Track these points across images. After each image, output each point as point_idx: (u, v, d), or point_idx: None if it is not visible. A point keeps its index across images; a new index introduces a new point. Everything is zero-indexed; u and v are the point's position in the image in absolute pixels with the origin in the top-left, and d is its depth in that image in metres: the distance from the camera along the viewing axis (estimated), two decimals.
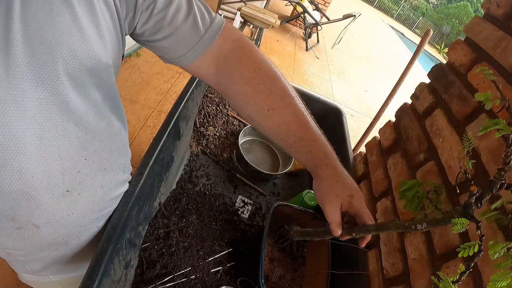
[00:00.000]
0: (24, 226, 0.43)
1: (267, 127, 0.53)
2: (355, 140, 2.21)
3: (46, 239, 0.48)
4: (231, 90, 0.51)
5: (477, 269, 0.44)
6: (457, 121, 0.62)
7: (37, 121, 0.36)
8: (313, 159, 0.53)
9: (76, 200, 0.47)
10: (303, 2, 4.59)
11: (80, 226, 0.51)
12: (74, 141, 0.42)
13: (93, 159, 0.46)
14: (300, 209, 0.82)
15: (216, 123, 1.05)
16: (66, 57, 0.35)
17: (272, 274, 0.75)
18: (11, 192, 0.39)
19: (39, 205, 0.42)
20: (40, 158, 0.39)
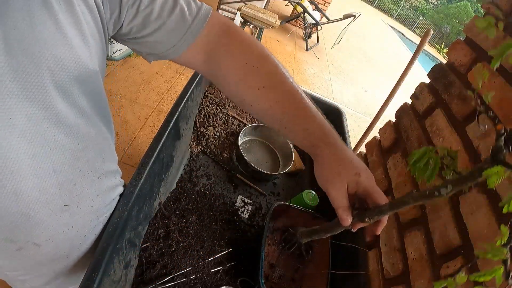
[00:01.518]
0: (24, 247, 0.43)
1: (259, 108, 0.49)
2: (355, 140, 2.21)
3: (47, 256, 0.48)
4: (222, 75, 0.50)
5: (477, 269, 0.44)
6: (457, 121, 0.62)
7: (27, 138, 0.35)
8: (310, 138, 0.48)
9: (75, 213, 0.46)
10: (303, 2, 4.59)
11: (81, 237, 0.52)
12: (67, 153, 0.41)
13: (88, 169, 0.46)
14: (300, 209, 0.82)
15: (216, 123, 1.05)
16: (52, 67, 0.33)
17: (272, 274, 0.75)
18: (8, 215, 0.37)
19: (38, 224, 0.41)
20: (34, 176, 0.37)
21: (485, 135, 0.53)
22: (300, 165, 1.07)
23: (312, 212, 0.82)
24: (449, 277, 0.32)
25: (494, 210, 0.45)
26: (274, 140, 1.11)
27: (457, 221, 0.51)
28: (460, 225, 0.50)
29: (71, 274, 0.57)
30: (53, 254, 0.48)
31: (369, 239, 0.63)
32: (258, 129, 1.10)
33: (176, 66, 2.83)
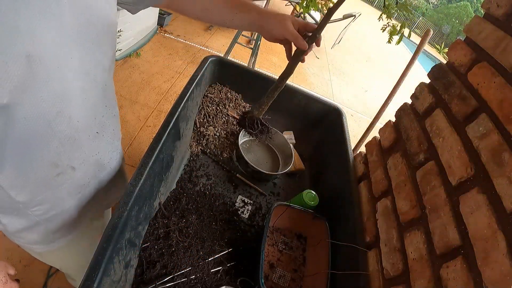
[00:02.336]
0: (63, 171, 0.51)
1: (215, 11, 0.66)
2: (355, 140, 2.21)
3: (77, 182, 0.56)
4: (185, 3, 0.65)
5: (477, 269, 0.44)
6: (457, 121, 0.62)
7: (79, 75, 0.44)
8: (253, 19, 0.67)
9: (101, 140, 0.57)
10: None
11: (100, 164, 0.61)
12: (100, 91, 0.51)
13: (109, 105, 0.57)
14: (300, 209, 0.82)
15: (216, 123, 1.05)
16: (96, 23, 0.43)
17: (272, 274, 0.75)
18: (61, 138, 0.46)
19: (79, 147, 0.51)
20: (82, 106, 0.47)
21: (485, 135, 0.53)
22: (300, 165, 1.07)
23: (312, 212, 0.82)
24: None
25: (494, 210, 0.45)
26: (274, 140, 1.11)
27: (457, 221, 0.51)
28: (460, 225, 0.50)
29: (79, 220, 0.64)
30: (81, 179, 0.57)
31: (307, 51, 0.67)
32: None
33: (176, 66, 2.83)
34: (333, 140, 1.03)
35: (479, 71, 0.61)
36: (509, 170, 0.46)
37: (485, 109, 0.56)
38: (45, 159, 0.47)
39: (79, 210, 0.63)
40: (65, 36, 0.39)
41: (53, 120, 0.43)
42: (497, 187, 0.46)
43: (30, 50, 0.34)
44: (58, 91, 0.41)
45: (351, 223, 0.77)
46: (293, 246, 0.83)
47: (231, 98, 1.15)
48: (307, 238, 0.86)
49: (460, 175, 0.54)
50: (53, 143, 0.46)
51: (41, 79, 0.38)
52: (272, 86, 0.72)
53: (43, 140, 0.44)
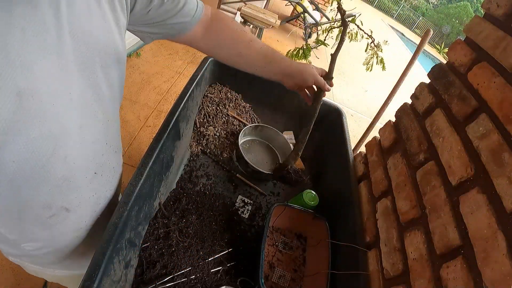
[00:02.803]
0: (57, 213, 0.48)
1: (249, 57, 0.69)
2: (355, 140, 2.21)
3: (72, 224, 0.53)
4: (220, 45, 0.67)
5: (477, 269, 0.44)
6: (457, 121, 0.62)
7: (79, 111, 0.41)
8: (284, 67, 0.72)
9: (99, 180, 0.54)
10: (303, 2, 4.58)
11: (98, 205, 0.57)
12: (101, 127, 0.48)
13: (110, 142, 0.54)
14: (300, 209, 0.82)
15: (216, 123, 1.05)
16: (100, 52, 0.41)
17: (272, 274, 0.75)
18: (55, 179, 0.43)
19: (74, 188, 0.48)
20: (80, 145, 0.44)
21: (485, 135, 0.53)
22: (300, 165, 1.07)
23: (312, 212, 0.82)
24: None
25: (494, 210, 0.45)
26: (274, 140, 1.11)
27: (457, 221, 0.51)
28: (460, 225, 0.50)
29: (79, 257, 0.61)
30: (77, 222, 0.54)
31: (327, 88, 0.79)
32: (258, 129, 1.10)
33: (176, 66, 2.83)
34: (333, 140, 1.03)
35: (479, 71, 0.61)
36: (509, 170, 0.46)
37: (485, 109, 0.56)
38: (37, 201, 0.44)
39: (74, 249, 0.60)
40: (64, 69, 0.36)
41: (46, 161, 0.39)
42: (497, 187, 0.46)
43: (22, 86, 0.31)
44: (53, 129, 0.37)
45: (351, 223, 0.77)
46: (293, 246, 0.83)
47: (231, 98, 1.15)
48: (307, 238, 0.86)
49: (460, 175, 0.54)
50: (46, 185, 0.42)
51: (33, 117, 0.34)
52: (304, 131, 0.78)
53: (35, 182, 0.41)
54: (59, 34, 0.34)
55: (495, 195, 0.46)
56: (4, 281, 1.16)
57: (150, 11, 0.51)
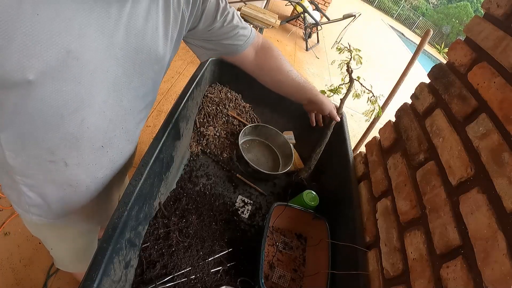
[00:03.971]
0: (56, 161, 0.52)
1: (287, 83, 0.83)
2: (355, 140, 2.21)
3: (65, 177, 0.57)
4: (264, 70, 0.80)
5: (477, 269, 0.44)
6: (457, 121, 0.62)
7: (108, 89, 0.48)
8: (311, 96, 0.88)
9: (103, 155, 0.58)
10: (303, 2, 4.58)
11: (94, 177, 0.61)
12: (122, 112, 0.54)
13: (127, 130, 0.59)
14: (300, 209, 0.82)
15: (216, 123, 1.05)
16: (143, 52, 0.49)
17: (272, 274, 0.75)
18: (66, 133, 0.48)
19: (79, 149, 0.52)
20: (98, 116, 0.50)
21: (485, 135, 0.53)
22: (300, 165, 1.07)
23: (312, 212, 0.82)
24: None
25: (494, 210, 0.45)
26: (274, 140, 1.11)
27: (457, 221, 0.51)
28: (460, 225, 0.50)
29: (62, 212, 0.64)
30: (69, 179, 0.57)
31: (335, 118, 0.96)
32: (258, 129, 1.10)
33: (176, 66, 2.83)
34: (333, 140, 1.03)
35: (479, 71, 0.61)
36: (509, 170, 0.46)
37: (485, 109, 0.56)
38: (44, 143, 0.49)
39: (61, 208, 0.62)
40: (110, 51, 0.44)
41: (66, 115, 0.45)
42: (497, 187, 0.46)
43: (72, 48, 0.39)
44: (82, 93, 0.44)
45: (351, 223, 0.77)
46: (293, 246, 0.83)
47: (231, 98, 1.15)
48: (307, 238, 0.86)
49: (460, 175, 0.54)
50: (57, 134, 0.48)
51: (72, 74, 0.41)
52: (317, 150, 0.96)
53: (50, 127, 0.46)
54: (117, 23, 0.42)
55: (495, 195, 0.46)
56: (4, 281, 1.16)
57: (211, 30, 0.64)
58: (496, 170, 0.48)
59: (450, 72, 0.70)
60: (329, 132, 0.97)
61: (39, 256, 1.25)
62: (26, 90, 0.39)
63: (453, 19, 18.24)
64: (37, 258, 1.24)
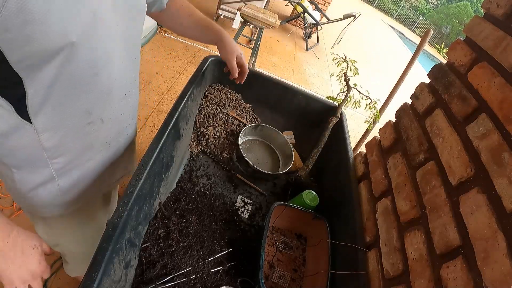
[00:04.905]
0: (94, 121, 0.56)
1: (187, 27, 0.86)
2: (355, 140, 2.21)
3: (102, 136, 0.61)
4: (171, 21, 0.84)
5: (477, 269, 0.44)
6: (457, 121, 0.62)
7: (121, 42, 0.53)
8: (215, 36, 0.88)
9: (127, 103, 0.63)
10: (303, 2, 4.58)
11: (122, 127, 0.66)
12: (131, 60, 0.60)
13: (135, 77, 0.65)
14: (300, 209, 0.82)
15: (216, 123, 1.05)
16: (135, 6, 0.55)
17: (272, 274, 0.75)
18: (99, 90, 0.52)
19: (111, 102, 0.57)
20: (119, 67, 0.55)
21: (485, 135, 0.53)
22: (301, 165, 1.07)
23: (312, 212, 0.82)
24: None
25: (494, 210, 0.45)
26: (274, 140, 1.11)
27: (457, 221, 0.51)
28: (460, 225, 0.50)
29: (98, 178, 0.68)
30: (106, 136, 0.62)
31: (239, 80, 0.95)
32: (258, 129, 1.10)
33: (176, 66, 2.83)
34: (333, 140, 1.03)
35: (479, 71, 0.61)
36: (509, 170, 0.46)
37: (485, 109, 0.56)
38: (82, 106, 0.52)
39: (93, 174, 0.66)
40: (117, 8, 0.49)
41: (99, 71, 0.49)
42: (497, 187, 0.46)
43: (96, 9, 0.43)
44: (108, 48, 0.49)
45: (351, 223, 0.77)
46: (293, 246, 0.83)
47: (231, 98, 1.15)
48: (307, 238, 0.86)
49: (460, 175, 0.54)
50: (93, 93, 0.51)
51: (100, 33, 0.46)
52: (314, 150, 1.00)
53: (86, 87, 0.50)
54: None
55: (495, 195, 0.46)
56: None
57: None
58: (496, 170, 0.48)
59: (450, 72, 0.70)
60: (326, 133, 1.00)
61: None
62: (69, 54, 0.43)
63: (453, 19, 18.24)
64: None
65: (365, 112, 1.15)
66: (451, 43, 0.74)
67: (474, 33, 0.66)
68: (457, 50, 0.70)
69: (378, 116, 1.09)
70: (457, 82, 0.66)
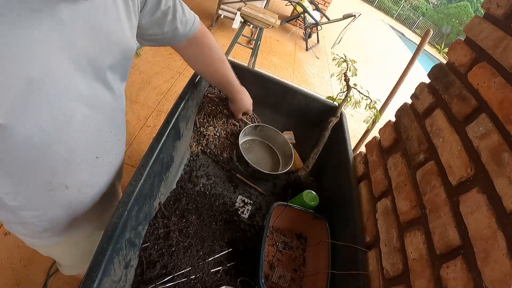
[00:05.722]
0: (56, 188, 0.51)
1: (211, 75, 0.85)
2: (355, 140, 2.21)
3: (70, 198, 0.56)
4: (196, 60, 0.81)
5: (477, 269, 0.44)
6: (457, 121, 0.62)
7: (85, 101, 0.44)
8: (229, 95, 0.93)
9: (100, 164, 0.57)
10: (303, 2, 4.58)
11: (98, 185, 0.61)
12: (107, 117, 0.52)
13: (115, 131, 0.57)
14: (300, 209, 0.82)
15: (216, 123, 1.05)
16: (111, 49, 0.44)
17: (272, 274, 0.75)
18: (56, 160, 0.46)
19: (74, 169, 0.51)
20: (83, 132, 0.47)
21: (485, 135, 0.53)
22: (301, 165, 1.07)
23: (312, 212, 0.82)
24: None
25: (494, 210, 0.45)
26: (274, 140, 1.11)
27: (457, 221, 0.51)
28: (460, 225, 0.50)
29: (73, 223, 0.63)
30: (74, 197, 0.56)
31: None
32: (258, 128, 1.10)
33: (176, 66, 2.83)
34: (333, 140, 1.03)
35: (479, 71, 0.61)
36: (509, 170, 0.46)
37: (485, 109, 0.56)
38: (39, 176, 0.47)
39: (70, 223, 0.62)
40: (75, 62, 0.39)
41: (51, 144, 0.43)
42: (497, 187, 0.46)
43: (32, 75, 0.34)
44: (59, 116, 0.41)
45: (351, 223, 0.77)
46: (293, 246, 0.83)
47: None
48: (307, 238, 0.86)
49: (460, 175, 0.54)
50: (49, 164, 0.46)
51: (41, 103, 0.37)
52: (314, 150, 1.00)
53: (39, 160, 0.44)
54: (74, 29, 0.37)
55: (495, 195, 0.46)
56: (4, 281, 1.16)
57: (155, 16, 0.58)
58: (496, 170, 0.48)
59: (450, 72, 0.70)
60: (326, 133, 1.00)
61: (39, 256, 1.24)
62: (2, 134, 0.36)
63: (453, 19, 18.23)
64: (37, 258, 1.24)
65: (365, 112, 1.15)
66: (451, 43, 0.74)
67: (474, 33, 0.66)
68: (457, 50, 0.70)
69: (378, 116, 1.09)
70: (457, 82, 0.66)
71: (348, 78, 1.18)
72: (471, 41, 0.67)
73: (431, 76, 0.76)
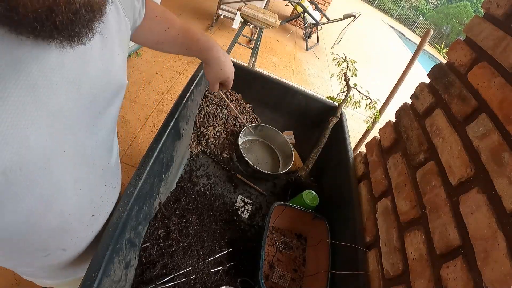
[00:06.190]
0: (52, 253, 0.49)
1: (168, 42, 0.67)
2: (355, 140, 2.21)
3: (68, 257, 0.54)
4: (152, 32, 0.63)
5: (477, 269, 0.44)
6: (457, 121, 0.62)
7: (73, 164, 0.39)
8: (201, 53, 0.69)
9: (97, 219, 0.54)
10: (303, 2, 4.58)
11: (96, 236, 0.57)
12: (99, 173, 0.47)
13: (109, 182, 0.54)
14: (300, 209, 0.82)
15: (216, 123, 1.05)
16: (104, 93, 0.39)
17: (272, 274, 0.75)
18: (48, 229, 0.43)
19: (70, 234, 0.48)
20: (75, 196, 0.43)
21: (485, 135, 0.53)
22: (301, 165, 1.07)
23: (312, 212, 0.82)
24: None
25: (494, 210, 0.45)
26: (274, 140, 1.11)
27: (457, 221, 0.51)
28: (460, 225, 0.50)
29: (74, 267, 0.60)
30: (72, 257, 0.54)
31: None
32: (258, 129, 1.10)
33: (176, 66, 2.83)
34: (333, 140, 1.04)
35: (479, 71, 0.61)
36: (509, 170, 0.46)
37: (485, 109, 0.56)
38: (33, 247, 0.45)
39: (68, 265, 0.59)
40: (60, 127, 0.33)
41: (42, 219, 0.39)
42: (497, 187, 0.46)
43: (7, 165, 0.29)
44: (45, 192, 0.36)
45: (351, 223, 0.77)
46: (293, 246, 0.83)
47: (231, 98, 1.15)
48: (307, 238, 0.86)
49: (460, 175, 0.54)
50: (42, 235, 0.43)
51: (22, 188, 0.32)
52: (314, 150, 0.99)
53: (31, 235, 0.41)
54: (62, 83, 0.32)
55: (495, 195, 0.46)
56: (4, 281, 1.16)
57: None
58: (496, 170, 0.48)
59: (450, 72, 0.70)
60: (326, 133, 1.00)
61: None
62: None
63: (453, 19, 18.23)
64: None
65: (365, 112, 1.15)
66: (451, 43, 0.74)
67: (474, 33, 0.66)
68: (457, 50, 0.70)
69: (378, 116, 1.10)
70: (457, 82, 0.66)
71: (348, 78, 1.18)
72: (471, 41, 0.67)
73: (431, 76, 0.76)
